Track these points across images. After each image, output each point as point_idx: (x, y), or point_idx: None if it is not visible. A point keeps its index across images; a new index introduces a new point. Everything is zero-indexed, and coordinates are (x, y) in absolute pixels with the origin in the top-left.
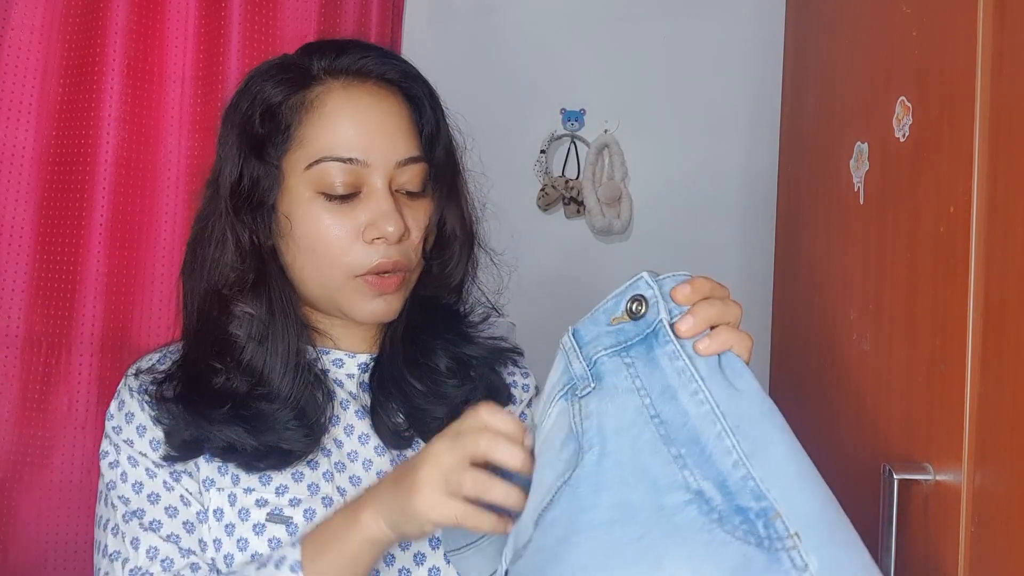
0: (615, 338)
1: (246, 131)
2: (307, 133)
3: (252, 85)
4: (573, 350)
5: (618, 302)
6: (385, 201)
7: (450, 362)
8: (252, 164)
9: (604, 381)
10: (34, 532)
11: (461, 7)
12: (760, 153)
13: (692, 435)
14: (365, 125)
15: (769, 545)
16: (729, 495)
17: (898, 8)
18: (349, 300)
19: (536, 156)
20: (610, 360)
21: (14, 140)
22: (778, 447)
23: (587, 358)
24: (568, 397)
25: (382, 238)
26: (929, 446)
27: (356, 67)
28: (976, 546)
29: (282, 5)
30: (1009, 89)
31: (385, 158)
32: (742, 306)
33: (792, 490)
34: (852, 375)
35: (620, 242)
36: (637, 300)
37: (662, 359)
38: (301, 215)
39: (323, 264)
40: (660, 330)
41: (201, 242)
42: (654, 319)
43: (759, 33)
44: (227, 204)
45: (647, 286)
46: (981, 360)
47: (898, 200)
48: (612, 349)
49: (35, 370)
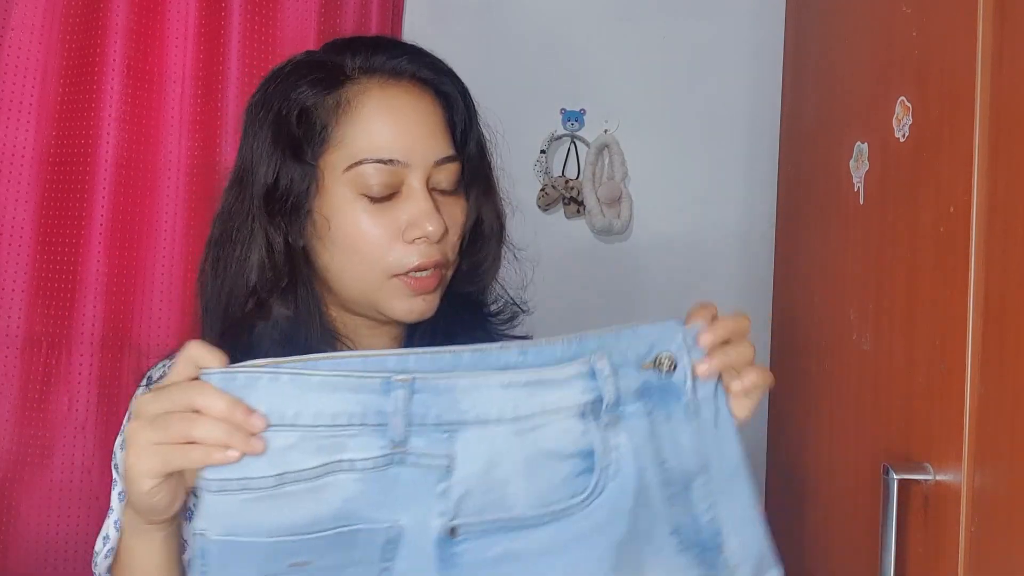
0: (642, 381)
1: (282, 132)
2: (345, 134)
3: (283, 83)
4: (612, 377)
5: (650, 350)
6: (425, 201)
7: None
8: (289, 166)
9: (629, 421)
10: (34, 532)
11: (461, 7)
12: (760, 153)
13: (685, 480)
14: (403, 125)
15: (716, 572)
16: (698, 531)
17: (898, 8)
18: (388, 300)
19: (536, 156)
20: (634, 404)
21: (14, 140)
22: (740, 495)
23: (617, 390)
24: (591, 418)
25: (423, 237)
26: (929, 446)
27: (391, 66)
28: (976, 546)
29: (282, 5)
30: (1009, 89)
31: (423, 158)
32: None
33: (740, 530)
34: (852, 375)
35: (620, 242)
36: (669, 359)
37: (676, 419)
38: (340, 216)
39: (363, 265)
40: (683, 397)
41: (225, 243)
42: (680, 385)
43: (759, 33)
44: (260, 205)
45: (680, 347)
46: (981, 360)
47: (898, 200)
48: (638, 392)
49: (35, 370)
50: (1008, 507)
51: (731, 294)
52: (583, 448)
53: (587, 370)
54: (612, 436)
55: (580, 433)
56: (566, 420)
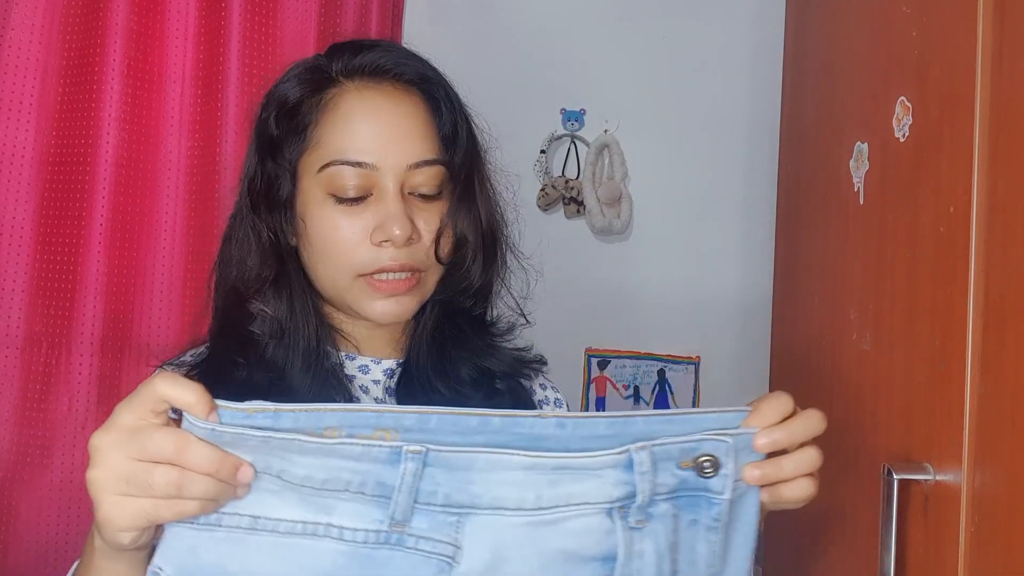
0: (676, 483)
1: (264, 131)
2: (322, 135)
3: (278, 84)
4: (649, 474)
5: (695, 448)
6: (394, 204)
7: (474, 372)
8: (268, 164)
9: (656, 524)
10: (34, 532)
11: (461, 7)
12: (760, 153)
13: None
14: (378, 128)
15: None
16: None
17: (898, 8)
18: (357, 300)
19: (536, 156)
20: (665, 504)
21: (14, 140)
22: None
23: (653, 488)
24: (619, 516)
25: (389, 240)
26: (929, 446)
27: (372, 68)
28: (976, 546)
29: (282, 5)
30: (1009, 89)
31: (396, 161)
32: (818, 423)
33: None
34: (852, 375)
35: (620, 242)
36: (710, 461)
37: (700, 527)
38: (314, 216)
39: (331, 264)
40: (715, 506)
41: (229, 240)
42: (717, 492)
43: (759, 33)
44: (248, 203)
45: (725, 452)
46: (981, 360)
47: (898, 200)
48: (671, 491)
49: (35, 370)
50: (1008, 507)
51: (731, 294)
52: (605, 551)
53: (625, 460)
54: (638, 540)
55: (604, 532)
56: (591, 516)
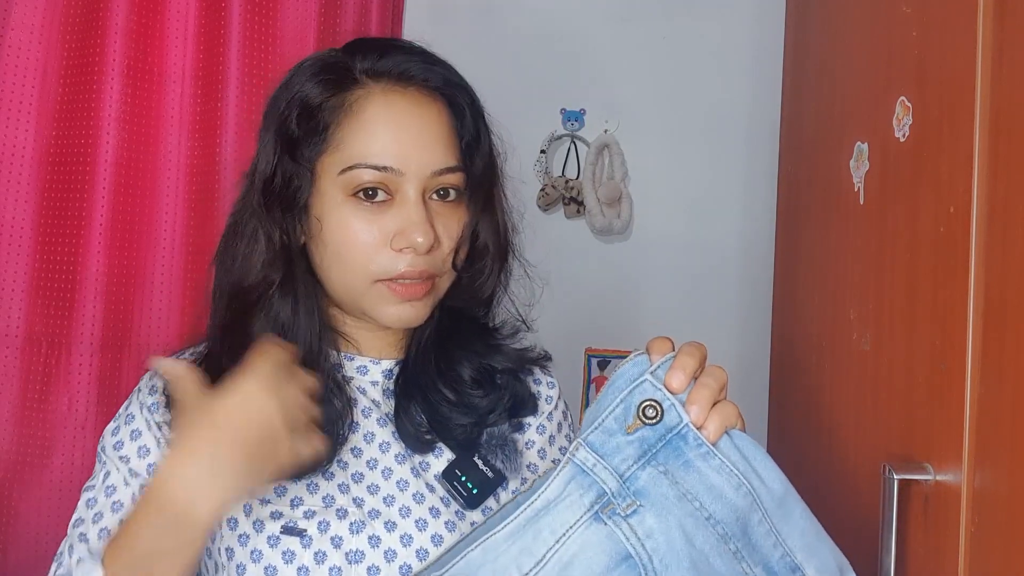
0: (639, 447)
1: (283, 129)
2: (344, 137)
3: (294, 81)
4: (599, 464)
5: (627, 408)
6: (416, 211)
7: (474, 372)
8: (286, 163)
9: (649, 495)
10: (34, 532)
11: (461, 7)
12: (760, 153)
13: (742, 527)
14: (403, 133)
15: None
16: (773, 573)
17: (898, 8)
18: (373, 305)
19: (536, 156)
20: (644, 472)
21: (14, 140)
22: (795, 513)
23: (618, 473)
24: (606, 518)
25: (410, 247)
26: (929, 446)
27: (398, 71)
28: (976, 546)
29: (282, 5)
30: (1009, 89)
31: (420, 167)
32: (727, 371)
33: (812, 550)
34: (852, 375)
35: (620, 242)
36: (650, 405)
37: (696, 460)
38: (332, 218)
39: (348, 268)
40: (688, 433)
41: (233, 236)
42: (676, 423)
43: (759, 33)
44: (260, 201)
45: (654, 389)
46: (981, 360)
47: (898, 200)
48: (642, 460)
49: (35, 370)
50: (1008, 507)
51: (731, 294)
52: (619, 554)
53: (571, 469)
54: (638, 524)
55: (606, 537)
56: (585, 532)
